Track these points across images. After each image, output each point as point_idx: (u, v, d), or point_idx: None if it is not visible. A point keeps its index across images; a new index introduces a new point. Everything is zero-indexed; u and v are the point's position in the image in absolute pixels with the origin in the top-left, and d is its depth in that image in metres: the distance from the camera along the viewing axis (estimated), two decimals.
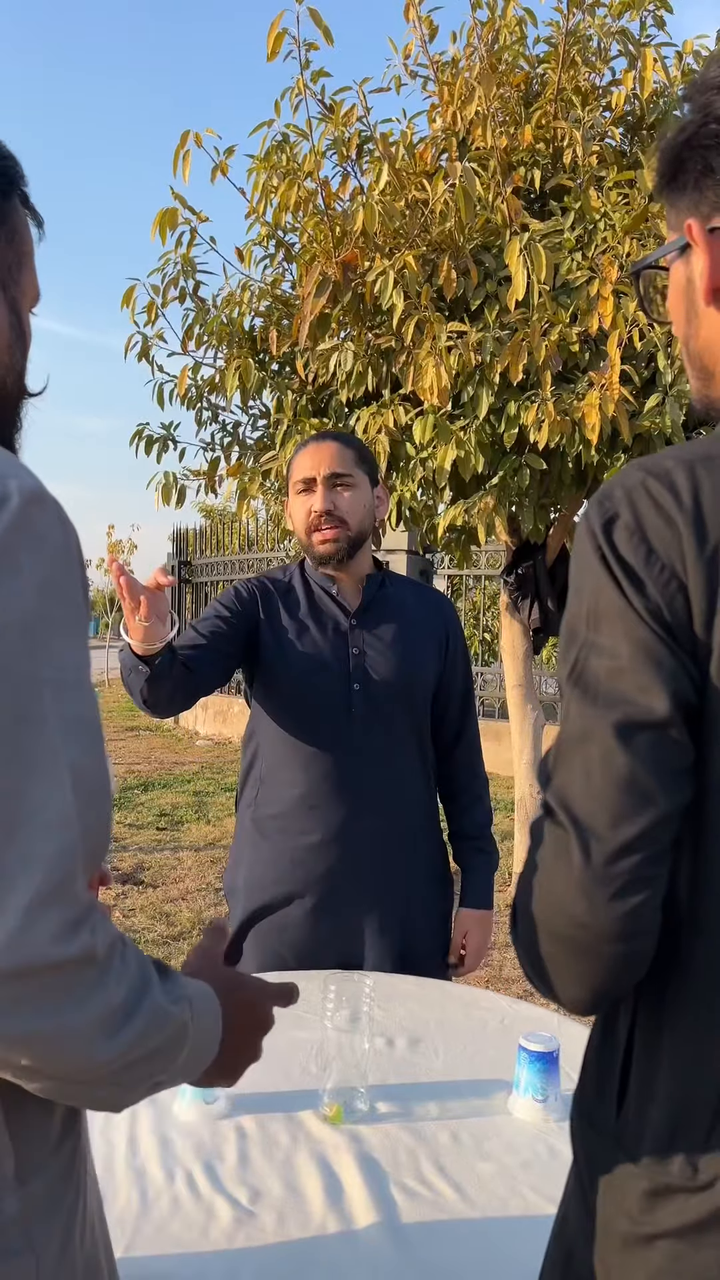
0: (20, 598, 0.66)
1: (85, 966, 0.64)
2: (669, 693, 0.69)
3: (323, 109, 3.28)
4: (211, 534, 12.19)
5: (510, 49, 3.30)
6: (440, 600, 2.05)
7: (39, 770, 0.64)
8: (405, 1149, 1.28)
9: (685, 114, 0.80)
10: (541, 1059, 1.36)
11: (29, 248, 0.88)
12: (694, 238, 0.79)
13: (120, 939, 0.69)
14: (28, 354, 0.89)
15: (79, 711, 0.69)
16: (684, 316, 0.84)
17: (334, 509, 1.84)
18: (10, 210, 0.84)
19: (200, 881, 5.27)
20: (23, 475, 0.71)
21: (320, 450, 1.86)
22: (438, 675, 1.95)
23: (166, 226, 3.28)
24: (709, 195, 0.78)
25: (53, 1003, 0.62)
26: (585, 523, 0.76)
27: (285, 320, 3.53)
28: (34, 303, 0.90)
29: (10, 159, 0.85)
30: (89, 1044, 0.65)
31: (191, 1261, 1.05)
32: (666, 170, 0.82)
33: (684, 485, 0.72)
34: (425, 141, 3.39)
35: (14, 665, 0.65)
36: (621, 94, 3.24)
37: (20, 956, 0.60)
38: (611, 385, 2.80)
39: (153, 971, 0.72)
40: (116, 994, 0.66)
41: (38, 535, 0.68)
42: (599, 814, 0.70)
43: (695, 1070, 0.73)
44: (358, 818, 1.84)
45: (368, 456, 1.92)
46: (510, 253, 2.81)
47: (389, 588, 1.97)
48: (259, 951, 1.89)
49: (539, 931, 0.74)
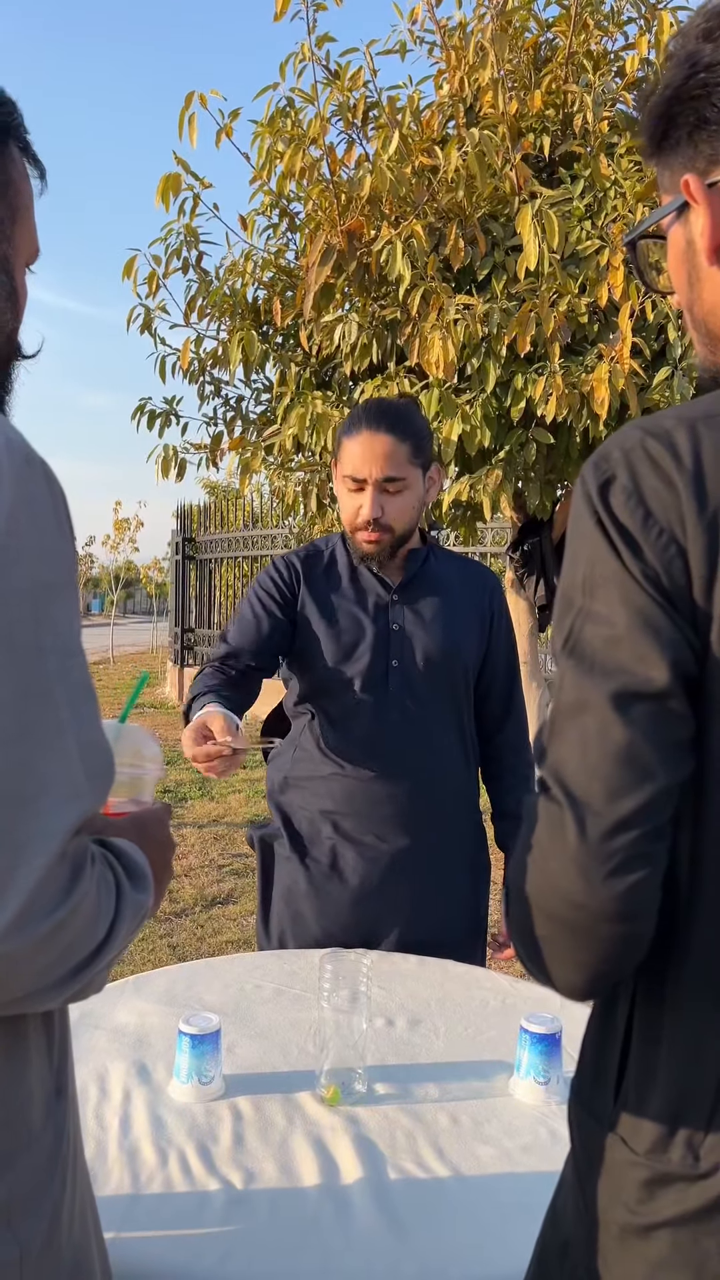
0: (20, 564, 0.64)
1: (84, 912, 0.65)
2: (668, 662, 0.66)
3: (328, 74, 3.21)
4: (215, 510, 12.14)
5: (519, 12, 3.22)
6: (485, 576, 2.00)
7: (48, 743, 0.64)
8: (403, 1131, 1.26)
9: (668, 71, 0.76)
10: (543, 1041, 1.34)
11: (25, 200, 0.83)
12: (692, 195, 0.75)
13: (92, 858, 0.69)
14: (21, 314, 0.85)
15: (80, 678, 0.68)
16: (686, 282, 0.79)
17: (381, 515, 1.79)
18: (4, 161, 0.79)
19: (203, 858, 5.27)
20: (10, 434, 0.68)
21: (374, 446, 1.77)
22: (481, 653, 1.91)
23: (170, 191, 3.22)
24: (704, 149, 0.74)
25: (57, 956, 0.64)
26: (581, 485, 0.73)
27: (289, 291, 3.47)
28: (30, 260, 0.85)
29: (6, 105, 0.80)
30: (86, 966, 0.67)
31: (184, 1245, 1.04)
32: (656, 130, 0.77)
33: (684, 445, 0.69)
34: (431, 108, 3.32)
35: (20, 635, 0.63)
36: (634, 58, 3.16)
37: (31, 934, 0.61)
38: (622, 358, 2.75)
39: (119, 869, 0.73)
40: (104, 920, 0.68)
41: (30, 497, 0.66)
42: (595, 788, 0.67)
43: (695, 1056, 0.71)
44: (388, 794, 1.82)
45: (424, 442, 1.83)
46: (522, 220, 2.75)
47: (433, 563, 1.92)
48: (280, 922, 1.88)
49: (534, 913, 0.71)
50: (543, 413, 2.88)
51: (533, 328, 2.80)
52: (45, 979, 0.65)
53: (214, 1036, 1.32)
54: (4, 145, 0.79)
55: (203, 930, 4.21)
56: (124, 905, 0.71)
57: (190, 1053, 1.31)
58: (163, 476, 3.58)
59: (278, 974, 1.72)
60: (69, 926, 0.64)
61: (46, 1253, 0.72)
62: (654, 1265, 0.71)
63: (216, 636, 11.71)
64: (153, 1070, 1.38)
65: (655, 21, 3.12)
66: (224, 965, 1.77)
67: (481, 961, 1.95)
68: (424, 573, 1.90)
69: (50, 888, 0.62)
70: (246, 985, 1.67)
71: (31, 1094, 0.72)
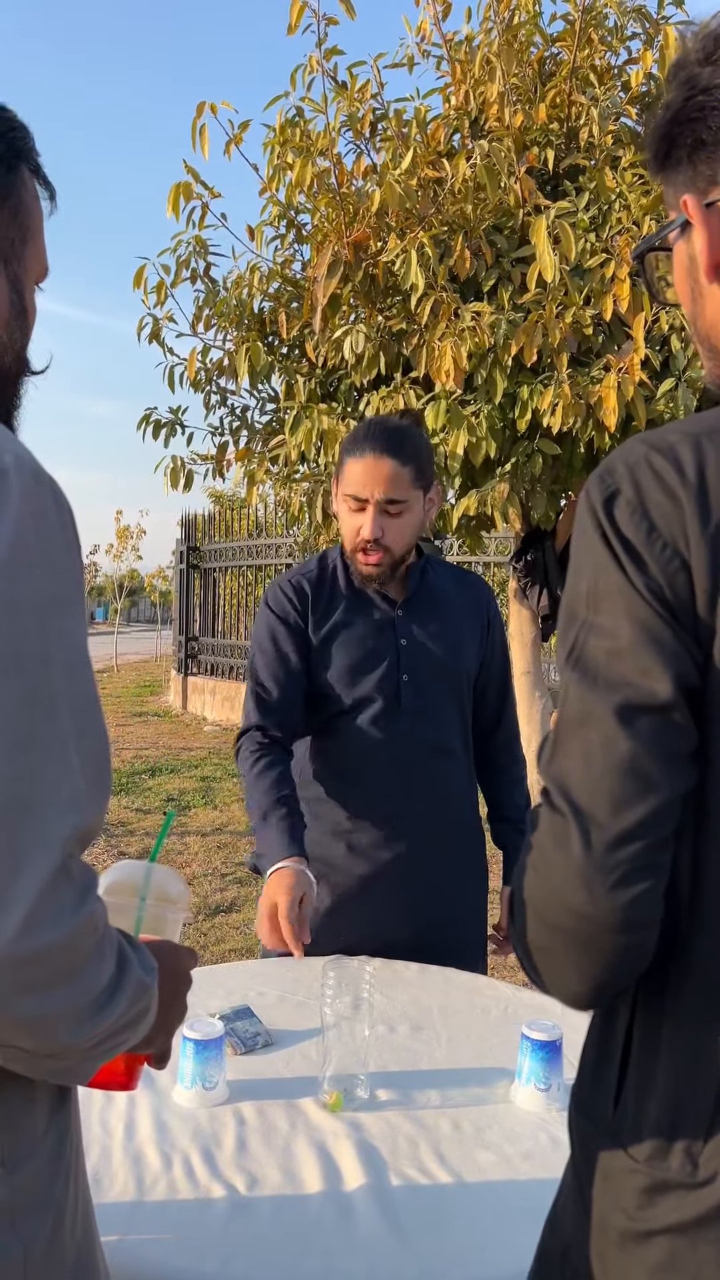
0: (29, 577, 0.65)
1: (89, 936, 0.64)
2: (671, 675, 0.67)
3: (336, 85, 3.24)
4: (220, 519, 12.17)
5: (525, 26, 3.25)
6: (480, 585, 2.03)
7: (51, 753, 0.64)
8: (405, 1137, 1.26)
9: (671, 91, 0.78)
10: (544, 1047, 1.35)
11: (36, 222, 0.85)
12: (691, 214, 0.77)
13: (104, 905, 0.69)
14: (30, 331, 0.86)
15: (85, 690, 0.69)
16: (689, 296, 0.81)
17: (382, 537, 1.79)
18: (16, 183, 0.81)
19: (207, 866, 5.27)
20: (19, 450, 0.70)
21: (377, 469, 1.77)
22: (479, 661, 1.94)
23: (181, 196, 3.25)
24: (703, 170, 0.76)
25: (60, 981, 0.63)
26: (586, 499, 0.73)
27: (295, 302, 3.50)
28: (40, 278, 0.87)
29: (19, 130, 0.82)
30: (86, 1019, 0.65)
31: (187, 1249, 1.04)
32: (659, 150, 0.79)
33: (688, 459, 0.70)
34: (437, 121, 3.35)
35: (26, 646, 0.64)
36: (639, 73, 3.19)
37: (36, 941, 0.61)
38: (633, 369, 2.77)
39: (124, 941, 0.72)
40: (109, 966, 0.67)
41: (38, 512, 0.67)
42: (599, 800, 0.67)
43: (695, 1064, 0.71)
44: (404, 806, 1.83)
45: (426, 467, 1.84)
46: (536, 231, 2.77)
47: (431, 575, 1.94)
48: None
49: (538, 923, 0.72)
50: (549, 423, 2.90)
51: (539, 338, 2.82)
52: (64, 1003, 0.63)
53: (218, 1042, 1.33)
54: (16, 168, 0.81)
55: (205, 939, 4.21)
56: (128, 969, 0.70)
57: (194, 1058, 1.32)
58: (171, 488, 3.60)
59: (280, 981, 1.72)
60: (77, 944, 0.63)
61: (50, 1253, 0.73)
62: (652, 1271, 0.71)
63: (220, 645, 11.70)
64: (156, 1076, 1.38)
65: (660, 36, 3.14)
66: (227, 972, 1.78)
67: (486, 958, 1.98)
68: (425, 586, 1.92)
69: (54, 898, 0.62)
70: (249, 992, 1.67)
71: (37, 1096, 0.73)
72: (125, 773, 7.86)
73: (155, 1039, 0.82)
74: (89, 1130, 1.25)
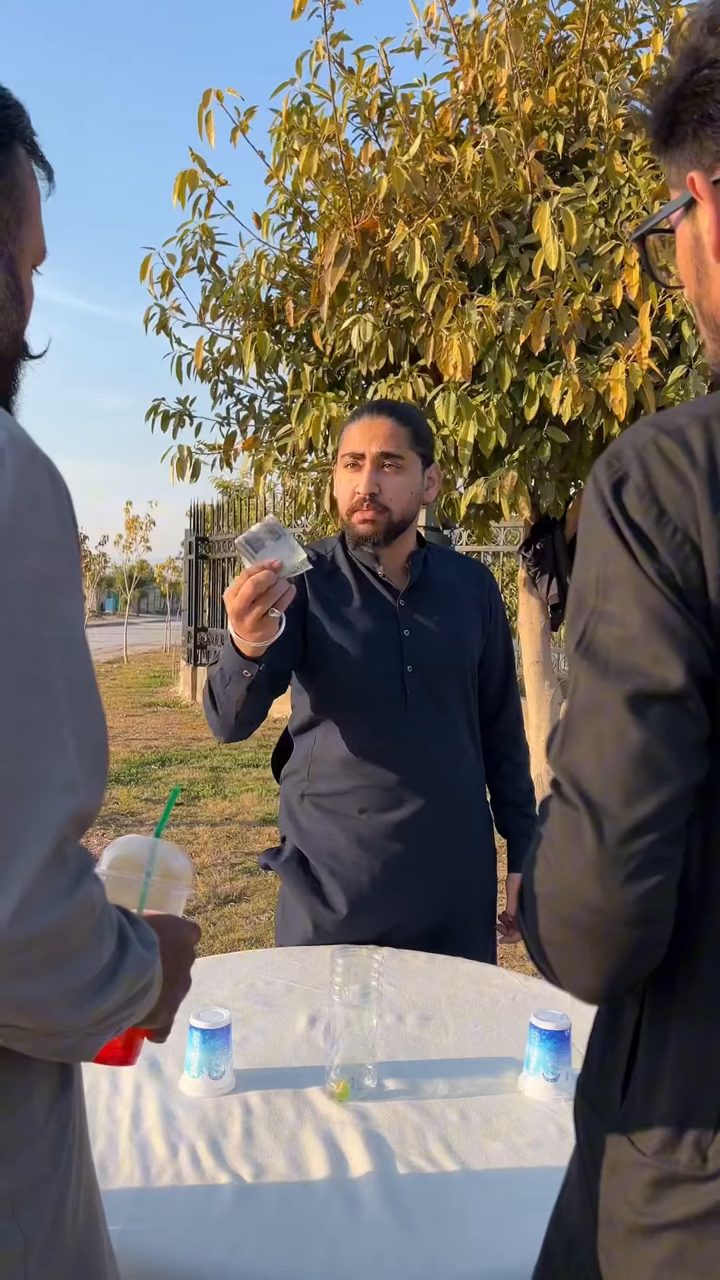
0: (23, 557, 0.64)
1: (85, 919, 0.64)
2: (684, 663, 0.66)
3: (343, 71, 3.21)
4: (229, 510, 12.16)
5: (534, 9, 3.22)
6: (481, 572, 2.03)
7: (45, 734, 0.64)
8: (413, 1127, 1.26)
9: (673, 64, 0.75)
10: (553, 1037, 1.34)
11: (33, 203, 0.83)
12: (698, 191, 0.75)
13: (102, 886, 0.68)
14: (27, 314, 0.85)
15: (82, 672, 0.68)
16: (694, 277, 0.79)
17: (378, 492, 1.78)
18: (10, 163, 0.80)
19: (216, 856, 5.28)
20: (14, 429, 0.69)
21: (374, 425, 1.79)
22: (482, 647, 1.94)
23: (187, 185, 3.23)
24: (709, 145, 0.73)
25: (57, 964, 0.63)
26: (593, 484, 0.72)
27: (302, 291, 3.48)
28: (37, 261, 0.86)
29: (13, 108, 0.80)
30: (86, 1000, 0.65)
31: (193, 1237, 1.04)
32: (661, 126, 0.77)
33: (698, 442, 0.68)
34: (444, 106, 3.32)
35: (22, 627, 0.64)
36: (649, 55, 3.15)
37: (31, 925, 0.60)
38: (641, 357, 2.74)
39: (124, 918, 0.72)
40: (109, 946, 0.67)
41: (33, 492, 0.66)
42: (612, 791, 0.66)
43: (704, 1057, 0.70)
44: (413, 797, 1.82)
45: (425, 436, 1.85)
46: (540, 218, 2.74)
47: (433, 565, 1.94)
48: (301, 921, 1.88)
49: (550, 917, 0.70)
50: (559, 411, 2.88)
51: (547, 326, 2.80)
52: (62, 986, 0.63)
53: (224, 1031, 1.33)
54: (10, 147, 0.79)
55: (215, 928, 4.22)
56: (129, 947, 0.69)
57: (201, 1047, 1.31)
58: (178, 478, 3.60)
59: (289, 970, 1.72)
60: (74, 927, 0.63)
61: (52, 1243, 0.72)
62: (660, 1267, 0.70)
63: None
64: (163, 1064, 1.38)
65: (670, 18, 3.11)
66: (235, 961, 1.78)
67: (495, 947, 1.98)
68: (426, 576, 1.91)
69: (49, 882, 0.61)
70: (258, 981, 1.67)
71: (35, 1085, 0.73)
72: (135, 763, 7.88)
73: (158, 1014, 0.82)
74: (95, 1119, 1.25)
